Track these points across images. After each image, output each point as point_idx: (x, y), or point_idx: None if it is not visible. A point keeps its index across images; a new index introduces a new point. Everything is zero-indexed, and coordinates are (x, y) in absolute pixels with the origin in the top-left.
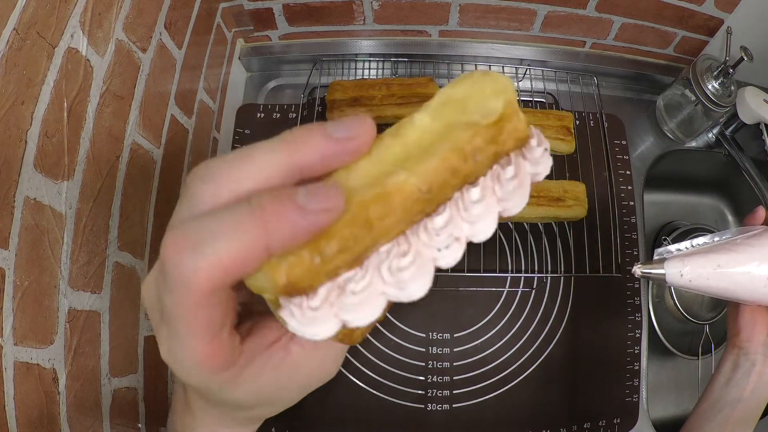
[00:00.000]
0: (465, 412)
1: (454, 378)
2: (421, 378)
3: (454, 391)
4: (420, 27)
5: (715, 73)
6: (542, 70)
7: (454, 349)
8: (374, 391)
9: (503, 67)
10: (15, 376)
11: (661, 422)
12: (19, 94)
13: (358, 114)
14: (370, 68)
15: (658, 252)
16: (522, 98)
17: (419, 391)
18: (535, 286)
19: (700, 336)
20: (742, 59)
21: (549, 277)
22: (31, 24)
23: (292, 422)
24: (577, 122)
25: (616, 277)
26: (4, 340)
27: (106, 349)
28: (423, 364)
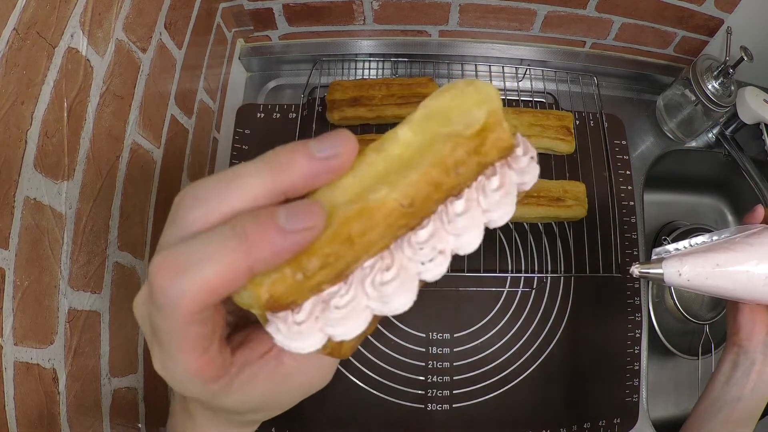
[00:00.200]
0: (465, 412)
1: (454, 378)
2: (421, 378)
3: (454, 391)
4: (420, 27)
5: (715, 73)
6: (542, 70)
7: (454, 349)
8: (374, 391)
9: (503, 67)
10: (15, 376)
11: (661, 422)
12: (19, 94)
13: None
14: (370, 68)
15: (656, 252)
16: (522, 98)
17: (419, 391)
18: (535, 286)
19: (700, 336)
20: (742, 59)
21: (549, 277)
22: (31, 24)
23: (292, 423)
24: (577, 122)
25: (616, 277)
26: (4, 340)
27: (106, 349)
28: (423, 364)
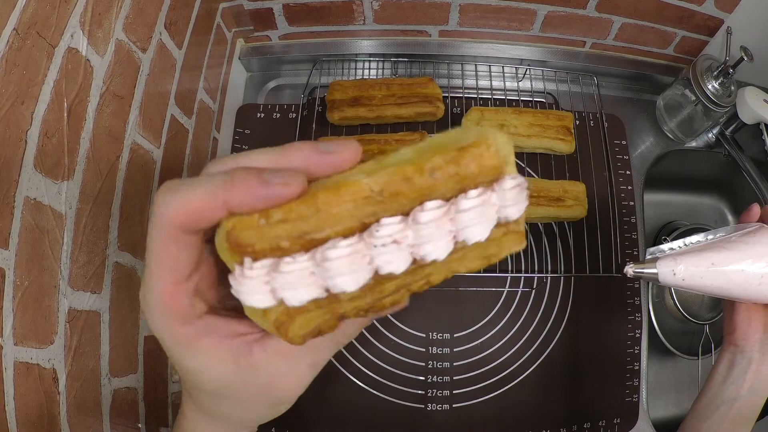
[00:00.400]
0: (465, 412)
1: (454, 378)
2: (421, 378)
3: (454, 391)
4: (420, 27)
5: (715, 73)
6: (542, 70)
7: (454, 349)
8: (374, 391)
9: (503, 67)
10: (15, 376)
11: (661, 422)
12: (19, 94)
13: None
14: (370, 68)
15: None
16: (522, 98)
17: (419, 391)
18: (535, 286)
19: (700, 336)
20: (742, 59)
21: (549, 277)
22: (31, 24)
23: (292, 422)
24: (577, 122)
25: (616, 277)
26: (4, 340)
27: (106, 349)
28: (423, 364)
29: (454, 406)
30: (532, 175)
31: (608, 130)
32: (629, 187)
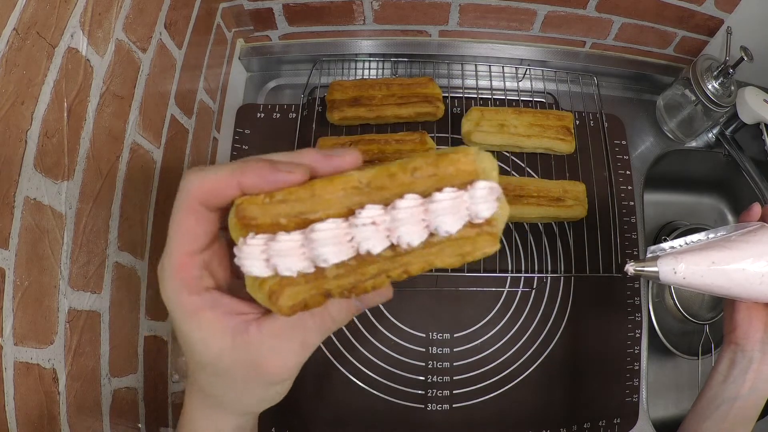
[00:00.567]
0: (465, 412)
1: (454, 378)
2: (421, 378)
3: (454, 391)
4: (420, 27)
5: (715, 73)
6: (542, 70)
7: (454, 349)
8: (374, 391)
9: (503, 67)
10: (15, 376)
11: (661, 422)
12: (19, 94)
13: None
14: (370, 68)
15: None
16: (522, 98)
17: (419, 391)
18: (535, 286)
19: (700, 336)
20: (742, 59)
21: (549, 277)
22: (31, 24)
23: (292, 422)
24: (577, 122)
25: (616, 277)
26: (4, 340)
27: (106, 349)
28: (423, 364)
29: (454, 406)
30: (532, 175)
31: (608, 130)
32: (629, 187)
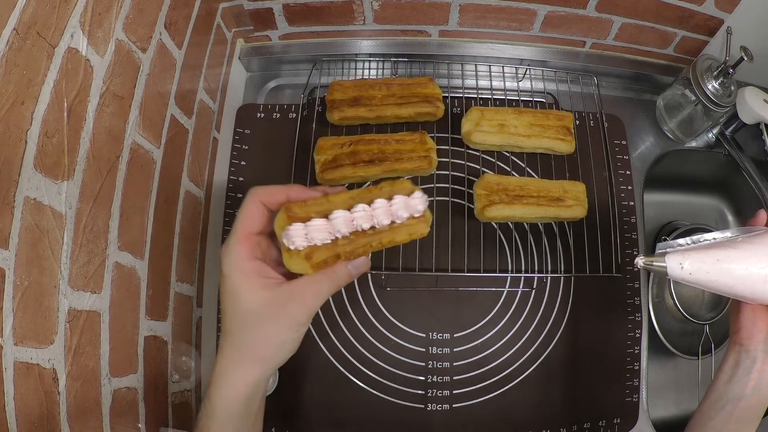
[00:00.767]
0: (465, 412)
1: (454, 378)
2: (421, 378)
3: (454, 391)
4: (420, 27)
5: (715, 73)
6: (542, 70)
7: (454, 349)
8: (374, 391)
9: (503, 67)
10: (15, 376)
11: (661, 422)
12: (19, 94)
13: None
14: (370, 68)
15: (660, 245)
16: (522, 98)
17: (419, 391)
18: (535, 286)
19: (700, 336)
20: (742, 59)
21: (549, 277)
22: (31, 24)
23: (292, 422)
24: (577, 122)
25: (616, 277)
26: (4, 340)
27: (106, 349)
28: (423, 364)
29: (454, 406)
30: (532, 175)
31: (608, 130)
32: (629, 187)
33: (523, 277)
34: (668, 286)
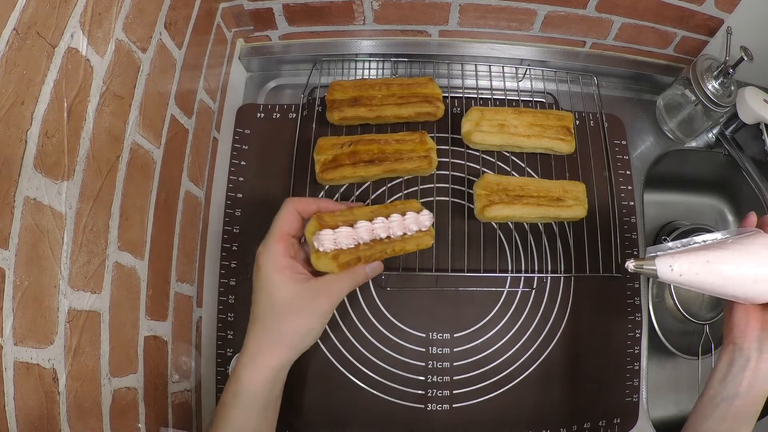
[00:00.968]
0: (465, 412)
1: (454, 378)
2: (421, 378)
3: (454, 391)
4: (420, 27)
5: (715, 73)
6: (542, 70)
7: (454, 349)
8: (374, 391)
9: (503, 67)
10: (15, 376)
11: (661, 422)
12: (19, 94)
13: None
14: (370, 68)
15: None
16: (522, 98)
17: (419, 391)
18: (535, 286)
19: (700, 336)
20: (742, 59)
21: (549, 277)
22: (31, 24)
23: (292, 422)
24: (577, 122)
25: (616, 277)
26: (4, 340)
27: (106, 349)
28: (423, 364)
29: (454, 406)
30: (532, 175)
31: (608, 130)
32: (629, 187)
33: (523, 277)
34: (668, 286)
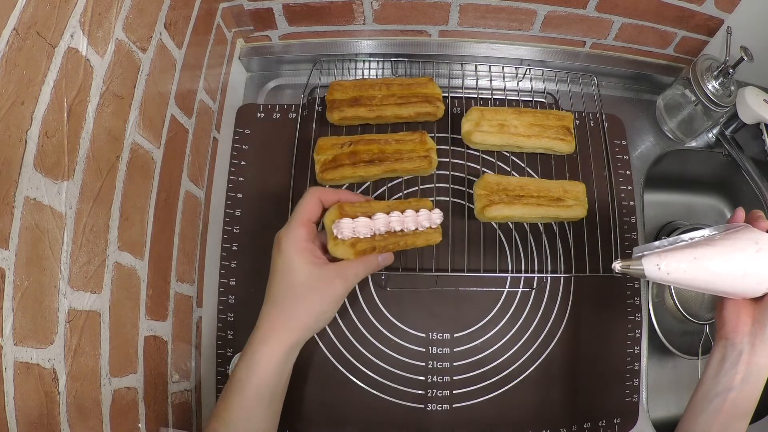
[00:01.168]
0: (465, 412)
1: (454, 378)
2: (421, 378)
3: (454, 391)
4: (420, 27)
5: (715, 73)
6: (542, 70)
7: (454, 349)
8: (374, 391)
9: (503, 67)
10: (15, 376)
11: (661, 422)
12: (19, 94)
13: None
14: (370, 68)
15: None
16: (522, 98)
17: (419, 391)
18: (535, 286)
19: (700, 336)
20: (742, 59)
21: (549, 277)
22: (31, 24)
23: (293, 422)
24: (577, 122)
25: (617, 277)
26: (4, 340)
27: (106, 349)
28: (423, 364)
29: (454, 406)
30: (532, 175)
31: (608, 130)
32: (629, 187)
33: (523, 277)
34: (668, 287)
